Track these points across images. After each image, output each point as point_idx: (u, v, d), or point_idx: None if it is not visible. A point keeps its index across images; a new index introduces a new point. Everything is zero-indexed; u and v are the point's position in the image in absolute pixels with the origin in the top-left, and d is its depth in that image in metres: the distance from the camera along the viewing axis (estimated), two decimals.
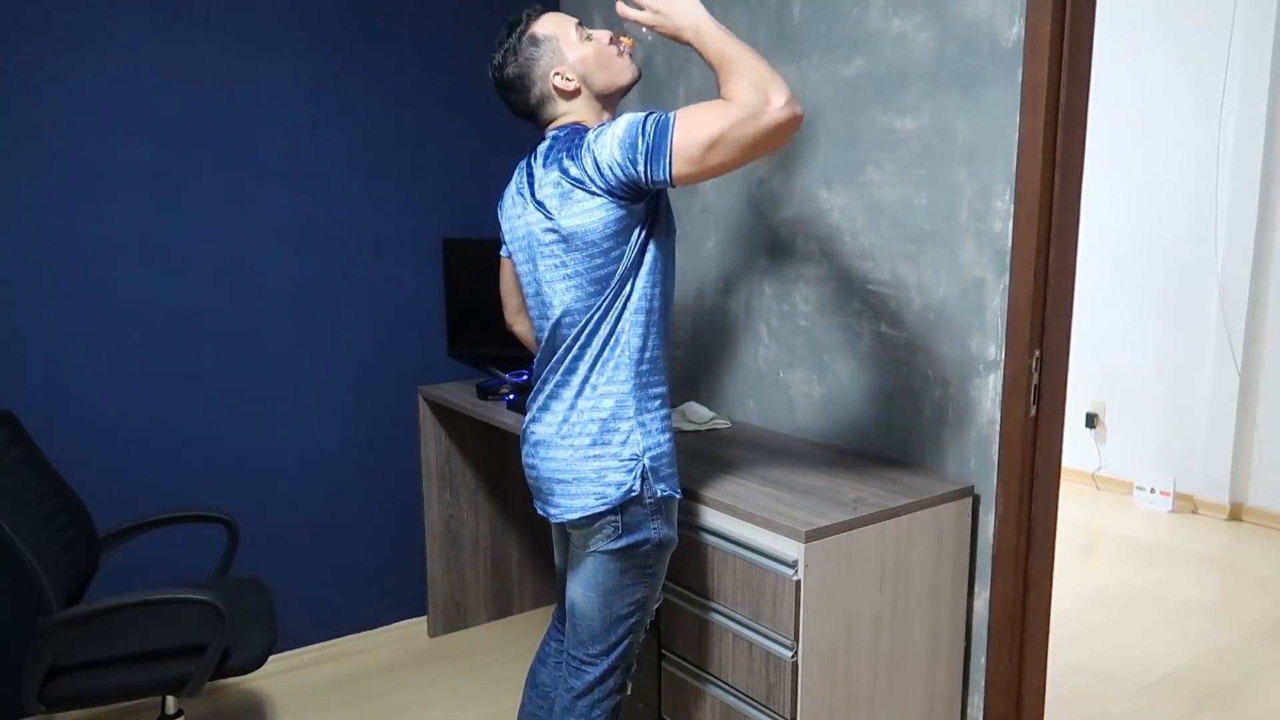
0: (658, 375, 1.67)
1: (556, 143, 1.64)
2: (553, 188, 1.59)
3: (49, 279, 2.40)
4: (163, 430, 2.59)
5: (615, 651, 1.73)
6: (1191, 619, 3.26)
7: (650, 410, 1.66)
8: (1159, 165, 4.47)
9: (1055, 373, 1.92)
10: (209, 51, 2.54)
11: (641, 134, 1.49)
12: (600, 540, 1.65)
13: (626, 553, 1.66)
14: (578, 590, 1.72)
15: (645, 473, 1.63)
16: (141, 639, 1.97)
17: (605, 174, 1.53)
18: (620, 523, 1.64)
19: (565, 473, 1.66)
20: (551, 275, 1.64)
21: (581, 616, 1.73)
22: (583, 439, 1.64)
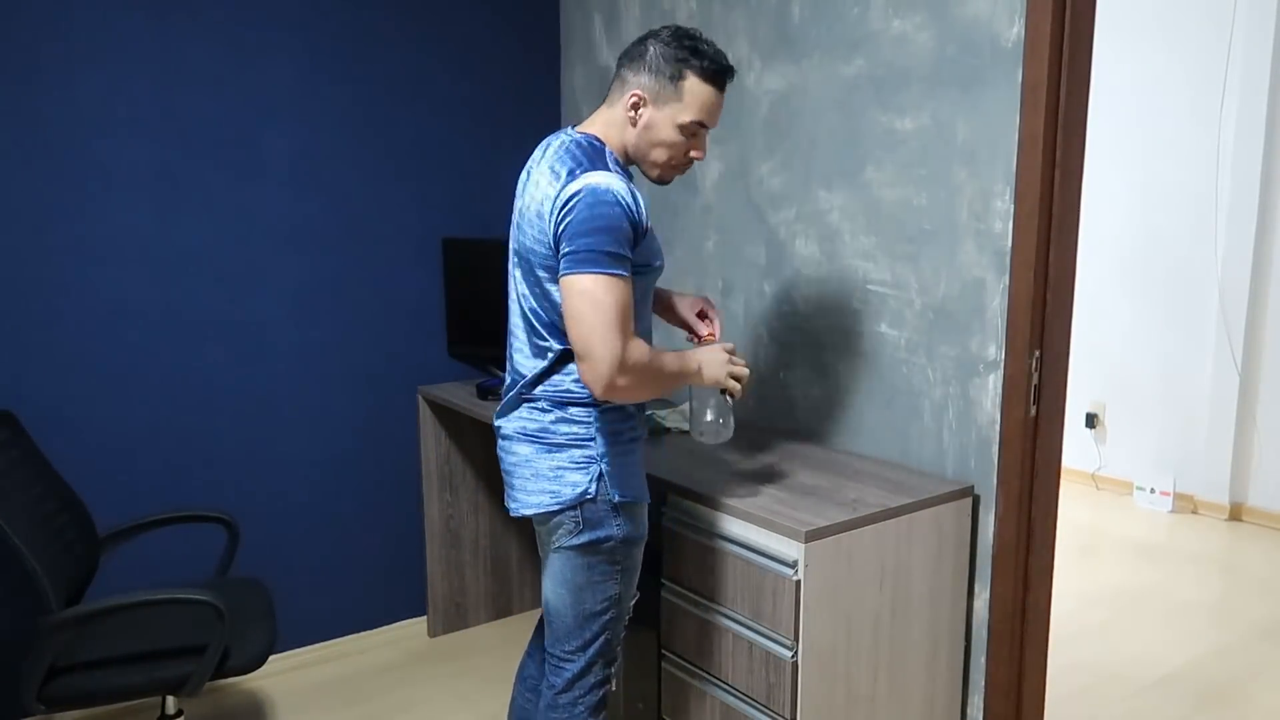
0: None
1: (569, 152, 1.61)
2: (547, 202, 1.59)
3: (49, 279, 2.40)
4: (163, 430, 2.59)
5: (592, 647, 1.72)
6: (1191, 619, 3.26)
7: (613, 418, 1.67)
8: (1159, 165, 4.48)
9: (1055, 373, 1.92)
10: (209, 51, 2.54)
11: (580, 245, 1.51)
12: (562, 536, 1.65)
13: (590, 549, 1.65)
14: (549, 587, 1.72)
15: (603, 475, 1.63)
16: (141, 639, 1.97)
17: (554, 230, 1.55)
18: (580, 519, 1.64)
19: (525, 468, 1.67)
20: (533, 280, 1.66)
21: (555, 614, 1.72)
22: (545, 437, 1.65)
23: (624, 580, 1.71)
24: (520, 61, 3.11)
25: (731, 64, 1.69)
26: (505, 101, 3.09)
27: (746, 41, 2.44)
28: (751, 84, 2.44)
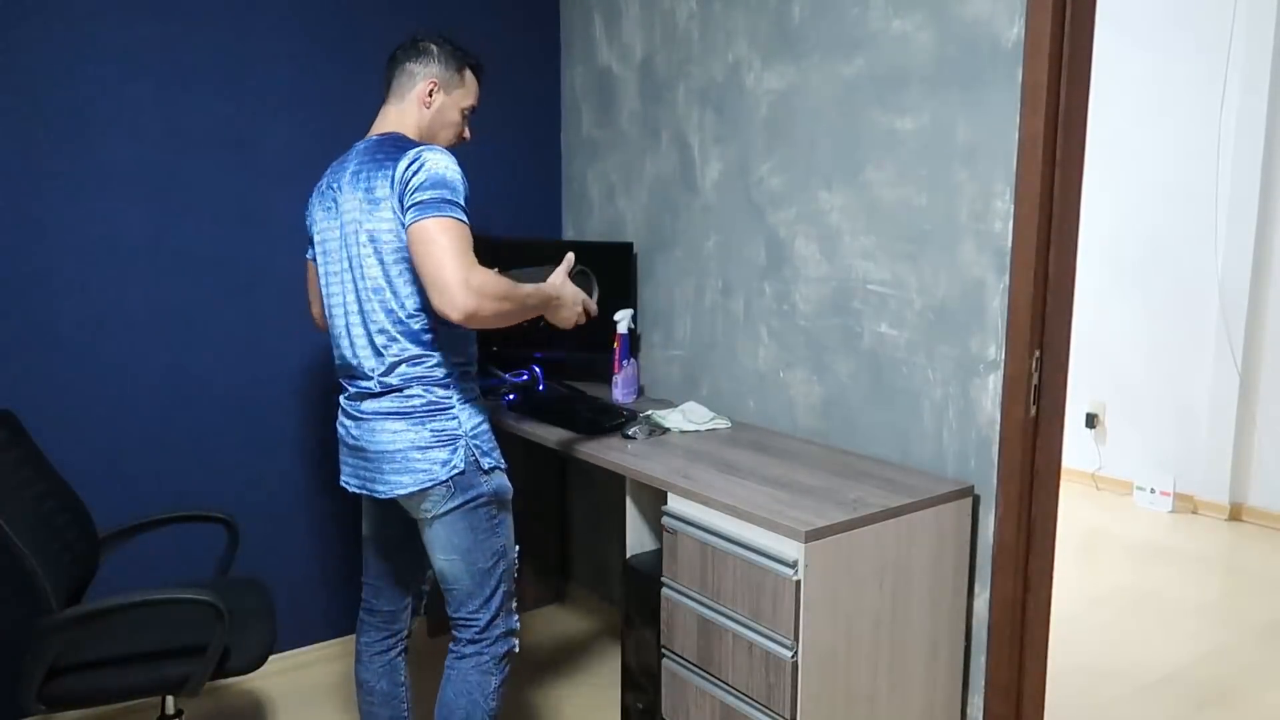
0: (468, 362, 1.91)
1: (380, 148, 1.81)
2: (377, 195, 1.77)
3: (49, 279, 2.40)
4: (163, 430, 2.59)
5: (493, 602, 1.90)
6: (1191, 619, 3.26)
7: (467, 389, 1.87)
8: (1159, 165, 4.48)
9: (1055, 373, 1.92)
10: (209, 51, 2.54)
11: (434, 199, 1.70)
12: (434, 504, 1.81)
13: (465, 509, 1.83)
14: (439, 557, 1.87)
15: (468, 447, 1.82)
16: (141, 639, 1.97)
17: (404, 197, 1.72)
18: (452, 485, 1.81)
19: (393, 453, 1.81)
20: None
21: (452, 580, 1.88)
22: (409, 417, 1.81)
23: (504, 533, 1.92)
24: (520, 61, 3.11)
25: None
26: (505, 101, 3.09)
27: (746, 41, 2.44)
28: (751, 84, 2.44)
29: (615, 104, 2.97)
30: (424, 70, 1.89)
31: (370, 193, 1.77)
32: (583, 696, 2.71)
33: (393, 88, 1.91)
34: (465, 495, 1.82)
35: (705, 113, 2.60)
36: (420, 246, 1.66)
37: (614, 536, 3.16)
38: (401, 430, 1.80)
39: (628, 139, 2.92)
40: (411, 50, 1.90)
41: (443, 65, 1.90)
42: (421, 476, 1.79)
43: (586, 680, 2.80)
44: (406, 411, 1.80)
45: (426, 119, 1.91)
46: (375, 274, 1.79)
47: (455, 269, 1.62)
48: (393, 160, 1.74)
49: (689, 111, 2.66)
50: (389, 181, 1.74)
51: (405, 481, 1.80)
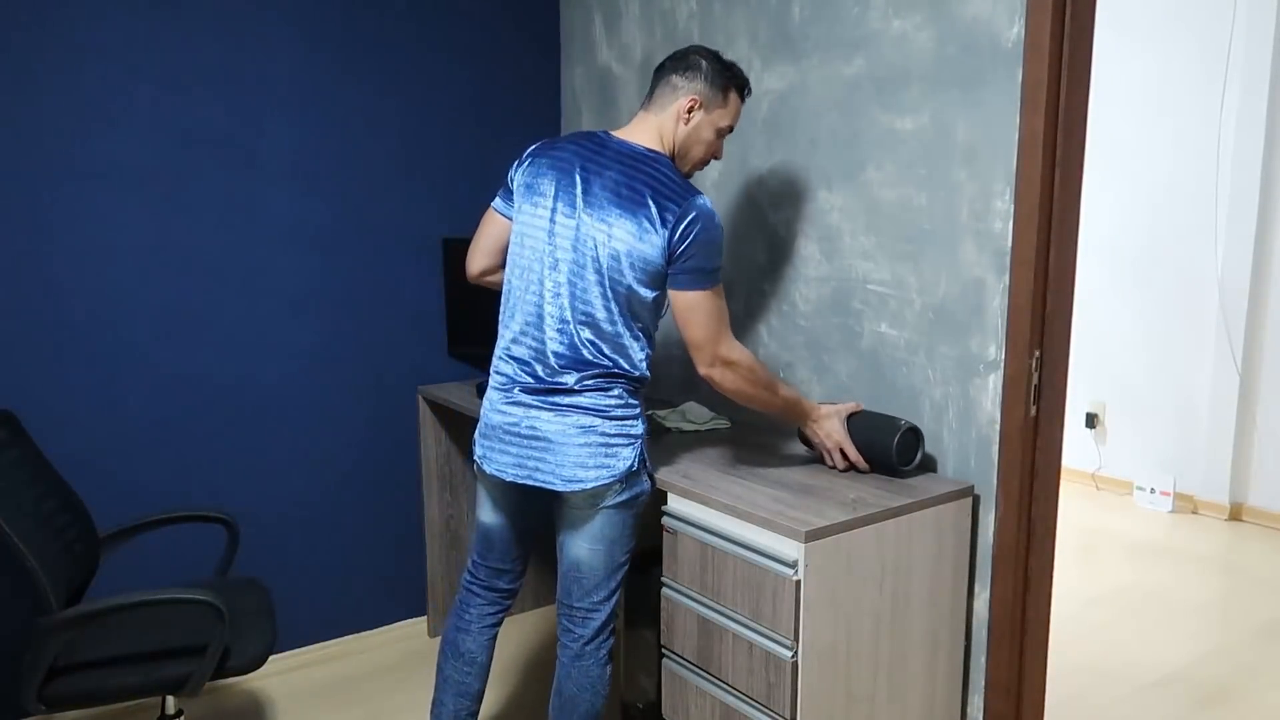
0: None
1: (647, 171, 1.84)
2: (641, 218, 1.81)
3: (49, 279, 2.40)
4: (163, 430, 2.59)
5: (614, 596, 1.97)
6: (1191, 619, 3.26)
7: (641, 400, 1.93)
8: (1159, 165, 4.48)
9: (1055, 373, 1.92)
10: (209, 51, 2.54)
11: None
12: (610, 497, 1.87)
13: (629, 504, 1.91)
14: (583, 547, 1.92)
15: (641, 446, 1.90)
16: (141, 639, 1.97)
17: (671, 258, 1.80)
18: (625, 480, 1.88)
19: (576, 445, 1.86)
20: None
21: (589, 570, 1.93)
22: (606, 412, 1.87)
23: (640, 532, 1.98)
24: (520, 61, 3.11)
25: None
26: (505, 101, 3.09)
27: (746, 41, 2.44)
28: (751, 84, 2.44)
29: (615, 104, 2.97)
30: (689, 85, 1.89)
31: (636, 220, 1.79)
32: None
33: (654, 96, 1.91)
34: (632, 491, 1.89)
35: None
36: (688, 314, 1.81)
37: None
38: (598, 424, 1.84)
39: None
40: (680, 62, 1.90)
41: (708, 83, 1.89)
42: (604, 473, 1.84)
43: None
44: (604, 409, 1.85)
45: (682, 135, 1.90)
46: (605, 286, 1.82)
47: (710, 338, 1.81)
48: (666, 203, 1.78)
49: None
50: (663, 227, 1.78)
51: (588, 476, 1.84)
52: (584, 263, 1.83)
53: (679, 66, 1.90)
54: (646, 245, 1.79)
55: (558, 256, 1.85)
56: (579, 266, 1.83)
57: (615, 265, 1.81)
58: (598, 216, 1.81)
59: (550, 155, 1.90)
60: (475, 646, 2.09)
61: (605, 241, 1.81)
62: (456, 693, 2.08)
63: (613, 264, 1.81)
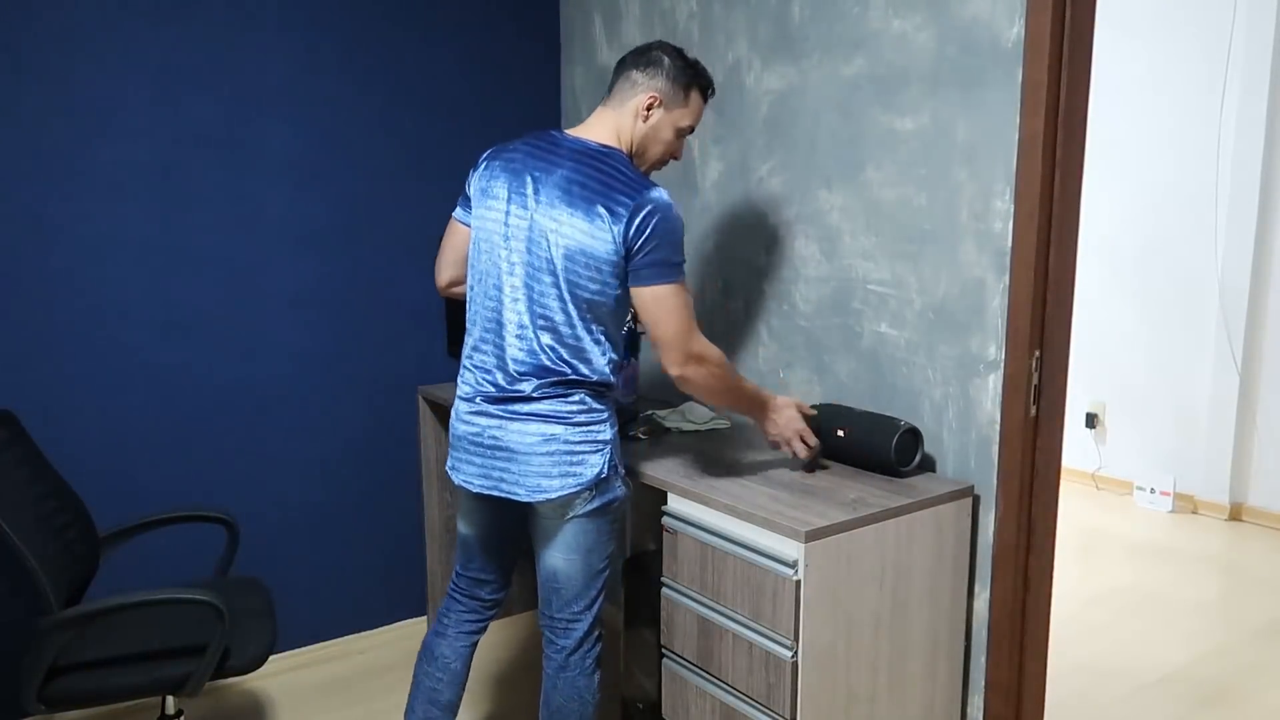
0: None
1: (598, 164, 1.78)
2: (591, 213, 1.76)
3: (49, 279, 2.40)
4: (163, 430, 2.59)
5: (595, 605, 1.93)
6: (1191, 619, 3.26)
7: (609, 402, 1.89)
8: (1159, 165, 4.48)
9: (1055, 373, 1.92)
10: (209, 51, 2.54)
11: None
12: (578, 506, 1.83)
13: (601, 511, 1.86)
14: (558, 557, 1.88)
15: (610, 452, 1.86)
16: (141, 639, 1.97)
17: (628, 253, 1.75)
18: (594, 488, 1.83)
19: (540, 455, 1.81)
20: None
21: (566, 580, 1.90)
22: (569, 420, 1.83)
23: (619, 538, 1.96)
24: (520, 61, 3.11)
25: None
26: (505, 101, 3.09)
27: (746, 41, 2.44)
28: (751, 84, 2.44)
29: None
30: (649, 82, 1.83)
31: (588, 217, 1.73)
32: None
33: (614, 91, 1.86)
34: (604, 498, 1.85)
35: (705, 112, 2.60)
36: (655, 310, 1.75)
37: None
38: (559, 433, 1.79)
39: None
40: (642, 58, 1.85)
41: (669, 80, 1.84)
42: (571, 481, 1.80)
43: None
44: (564, 416, 1.79)
45: (640, 133, 1.85)
46: (561, 288, 1.77)
47: (680, 333, 1.75)
48: (619, 197, 1.72)
49: None
50: (616, 222, 1.72)
51: (554, 486, 1.79)
52: (540, 265, 1.77)
53: (640, 62, 1.84)
54: (599, 243, 1.73)
55: (514, 260, 1.79)
56: (535, 269, 1.77)
57: (570, 266, 1.75)
58: (549, 215, 1.76)
59: (503, 157, 1.85)
60: (450, 652, 2.05)
61: (558, 241, 1.75)
62: (427, 699, 2.03)
63: (568, 265, 1.75)
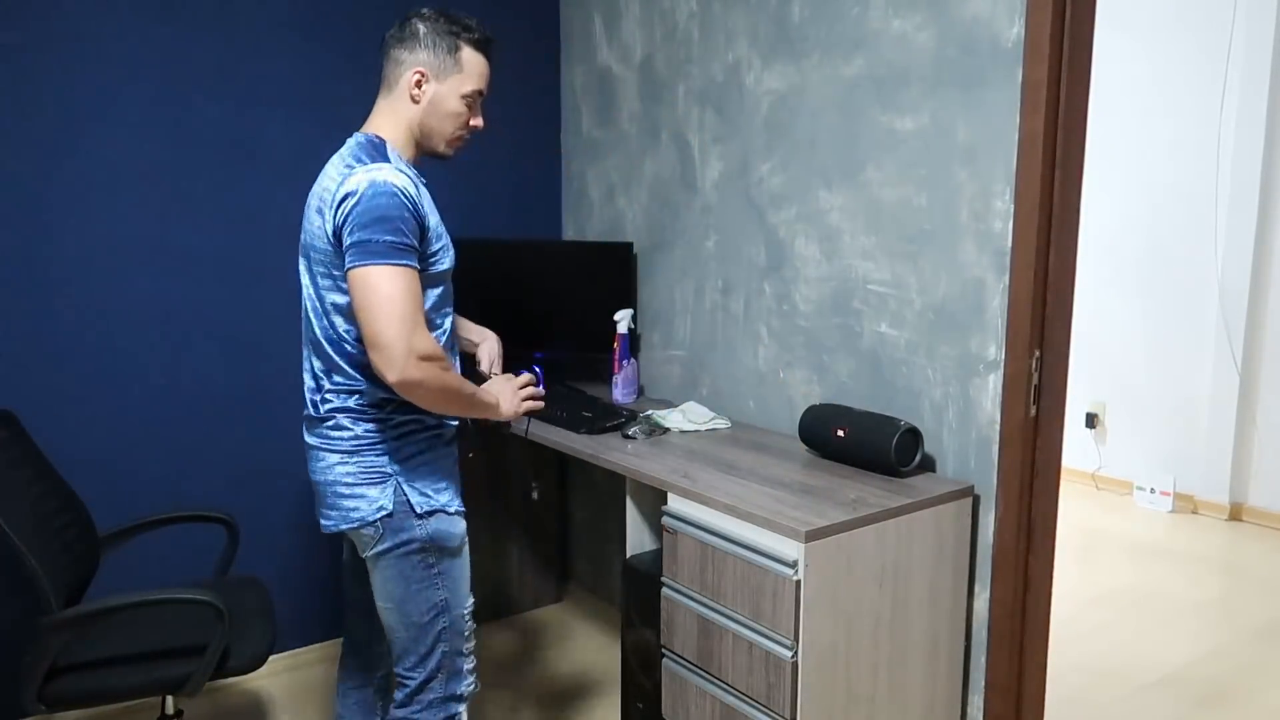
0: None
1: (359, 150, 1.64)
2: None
3: (49, 279, 2.40)
4: (163, 430, 2.59)
5: (429, 662, 1.72)
6: (1191, 619, 3.26)
7: (405, 423, 1.68)
8: (1159, 165, 4.48)
9: (1055, 373, 1.92)
10: (209, 50, 2.54)
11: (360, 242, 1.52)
12: (367, 544, 1.67)
13: (397, 554, 1.67)
14: (378, 601, 1.72)
15: (399, 487, 1.65)
16: (141, 639, 1.97)
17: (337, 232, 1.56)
18: (381, 527, 1.65)
19: (334, 483, 1.68)
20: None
21: (389, 629, 1.73)
22: (340, 448, 1.67)
23: (448, 586, 1.71)
24: (520, 61, 3.11)
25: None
26: (505, 101, 3.09)
27: (746, 41, 2.44)
28: (751, 84, 2.44)
29: (615, 104, 2.97)
30: (410, 57, 1.65)
31: (318, 213, 1.61)
32: (583, 696, 2.71)
33: (383, 77, 1.69)
34: (395, 539, 1.66)
35: (705, 113, 2.60)
36: (358, 296, 1.50)
37: (614, 536, 3.16)
38: (334, 463, 1.66)
39: (628, 139, 2.92)
40: (398, 33, 1.67)
41: (431, 50, 1.64)
42: (349, 514, 1.65)
43: (587, 680, 2.80)
44: (333, 444, 1.66)
45: (417, 115, 1.67)
46: (311, 292, 1.66)
47: (398, 330, 1.48)
48: (341, 181, 1.56)
49: (689, 111, 2.66)
50: (329, 207, 1.56)
51: (334, 517, 1.67)
52: (305, 267, 1.66)
53: (397, 38, 1.66)
54: (319, 236, 1.59)
55: (305, 274, 1.68)
56: (305, 274, 1.67)
57: (311, 269, 1.63)
58: (306, 220, 1.66)
59: None
60: (344, 710, 1.97)
61: (309, 243, 1.63)
62: None
63: (311, 269, 1.63)
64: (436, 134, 1.70)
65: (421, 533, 1.67)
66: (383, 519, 1.65)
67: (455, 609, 1.73)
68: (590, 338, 2.84)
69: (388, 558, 1.67)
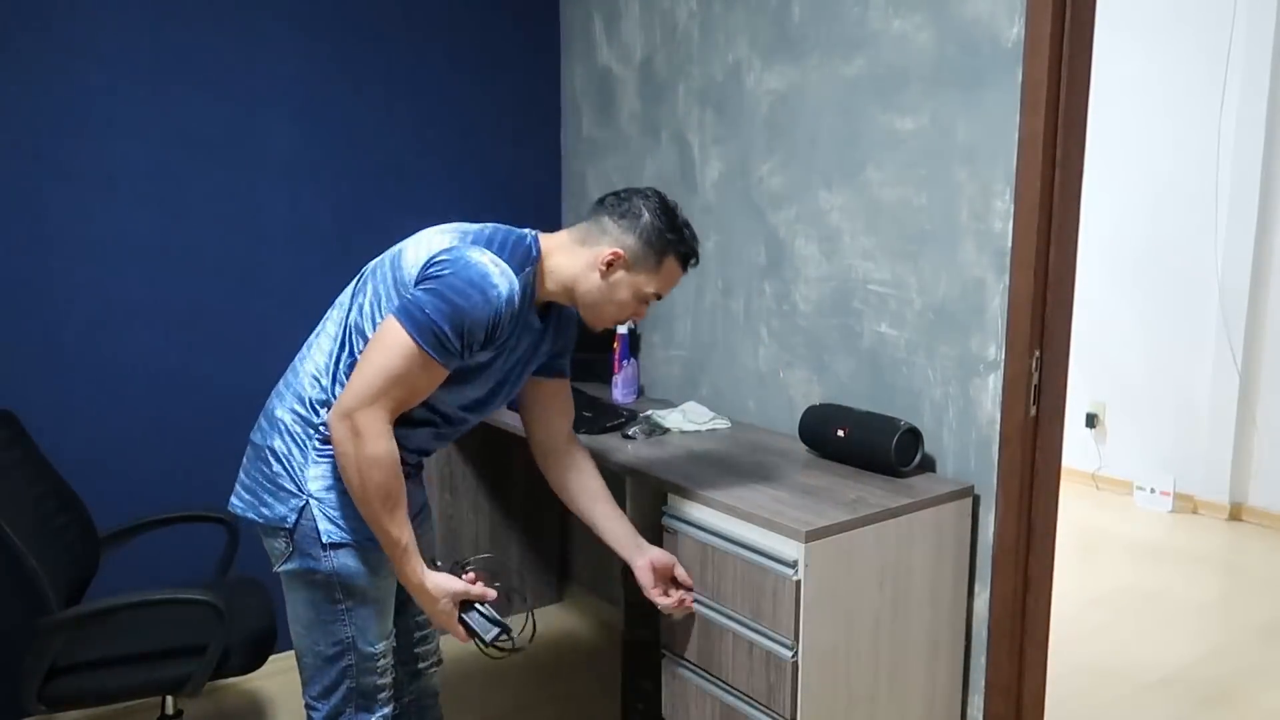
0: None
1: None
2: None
3: (49, 279, 2.40)
4: (163, 430, 2.59)
5: (335, 695, 1.61)
6: (1191, 619, 3.26)
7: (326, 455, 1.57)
8: (1159, 165, 4.48)
9: (1055, 373, 1.92)
10: (208, 51, 2.54)
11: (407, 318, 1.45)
12: (276, 558, 1.59)
13: (303, 579, 1.57)
14: (289, 621, 1.64)
15: (306, 508, 1.55)
16: (141, 639, 1.97)
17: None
18: (291, 541, 1.56)
19: (254, 466, 1.61)
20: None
21: (297, 653, 1.65)
22: (272, 442, 1.59)
23: (355, 624, 1.59)
24: (520, 61, 3.11)
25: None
26: (505, 101, 3.09)
27: (746, 41, 2.44)
28: (751, 84, 2.44)
29: (615, 104, 2.97)
30: (619, 234, 1.57)
31: (396, 261, 1.54)
32: (583, 696, 2.71)
33: (586, 221, 1.62)
34: (303, 563, 1.56)
35: (705, 113, 2.60)
36: (376, 339, 1.46)
37: None
38: (273, 441, 1.59)
39: (628, 139, 2.92)
40: (620, 205, 1.59)
41: (641, 241, 1.57)
42: (248, 500, 1.59)
43: (587, 680, 2.80)
44: (279, 425, 1.60)
45: (592, 285, 1.58)
46: (353, 315, 1.58)
47: (361, 391, 1.43)
48: (463, 244, 1.50)
49: (689, 111, 2.66)
50: (414, 260, 1.51)
51: (247, 500, 1.59)
52: (367, 297, 1.62)
53: (617, 209, 1.59)
54: (411, 266, 1.54)
55: (362, 295, 1.63)
56: (364, 302, 1.62)
57: (376, 284, 1.59)
58: (402, 253, 1.61)
59: None
60: None
61: (393, 274, 1.57)
62: None
63: (380, 283, 1.59)
64: (596, 310, 1.62)
65: (327, 566, 1.55)
66: (289, 531, 1.54)
67: (363, 647, 1.61)
68: (590, 338, 2.83)
69: (297, 580, 1.58)
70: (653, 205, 1.59)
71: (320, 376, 1.57)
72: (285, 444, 1.57)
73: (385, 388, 1.44)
